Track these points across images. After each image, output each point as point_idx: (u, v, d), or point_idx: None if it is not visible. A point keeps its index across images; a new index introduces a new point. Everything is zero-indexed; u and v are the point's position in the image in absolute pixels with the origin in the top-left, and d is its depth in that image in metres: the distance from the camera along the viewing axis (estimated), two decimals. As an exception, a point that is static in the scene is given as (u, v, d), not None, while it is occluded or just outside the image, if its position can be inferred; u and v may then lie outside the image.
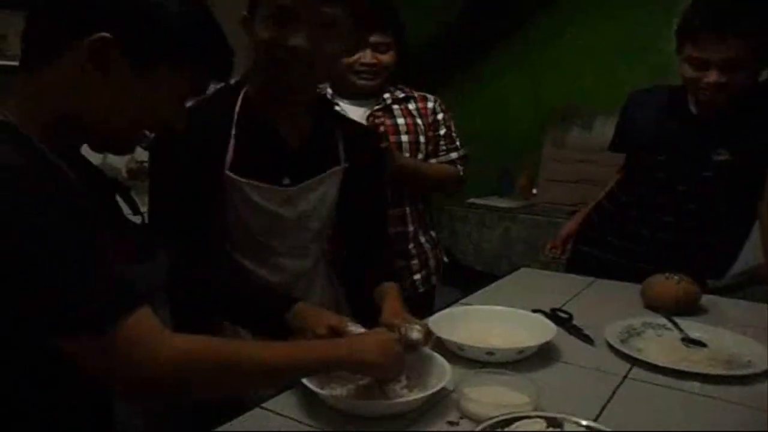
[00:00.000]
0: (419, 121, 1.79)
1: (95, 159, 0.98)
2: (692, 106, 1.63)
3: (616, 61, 3.40)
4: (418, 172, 1.76)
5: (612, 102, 2.21)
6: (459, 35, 3.83)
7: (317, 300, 1.26)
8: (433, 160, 1.82)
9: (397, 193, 1.73)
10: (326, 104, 1.32)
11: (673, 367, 1.09)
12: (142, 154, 2.35)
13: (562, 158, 3.48)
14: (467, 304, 1.39)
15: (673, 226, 1.67)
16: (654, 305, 1.43)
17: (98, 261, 0.71)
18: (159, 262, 0.93)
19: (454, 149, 1.84)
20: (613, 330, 1.24)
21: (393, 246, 1.42)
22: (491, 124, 3.69)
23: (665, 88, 1.74)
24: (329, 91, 1.73)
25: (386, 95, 1.77)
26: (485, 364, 1.09)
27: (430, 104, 1.83)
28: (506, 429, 0.82)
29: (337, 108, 1.49)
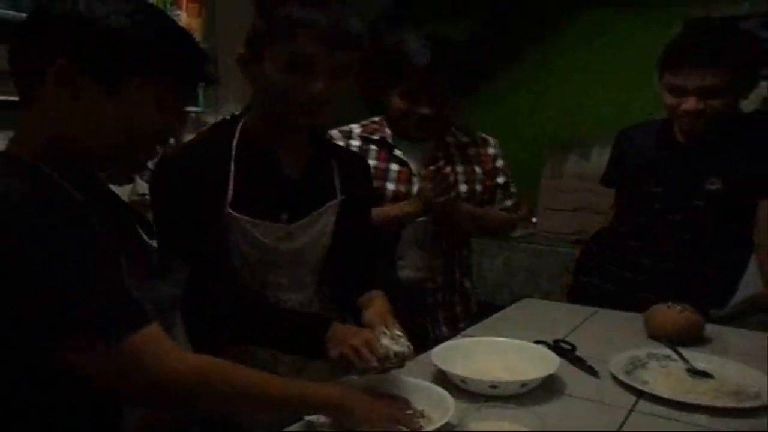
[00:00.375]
0: (477, 169, 1.71)
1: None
2: (681, 137, 1.65)
3: (613, 92, 3.44)
4: (475, 218, 1.68)
5: (608, 132, 2.23)
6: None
7: None
8: (488, 207, 1.74)
9: (447, 240, 1.69)
10: (320, 134, 1.32)
11: (680, 399, 1.07)
12: (143, 187, 2.36)
13: (561, 187, 3.50)
14: (469, 336, 1.38)
15: (672, 256, 1.67)
16: (657, 335, 1.41)
17: (106, 277, 0.74)
18: (174, 280, 0.95)
19: (509, 197, 1.78)
20: (618, 362, 1.22)
21: (379, 261, 1.41)
22: (489, 154, 3.71)
23: (654, 122, 1.77)
24: (388, 131, 1.65)
25: (449, 139, 1.69)
26: (488, 398, 1.08)
27: (491, 150, 1.75)
28: (512, 465, 0.80)
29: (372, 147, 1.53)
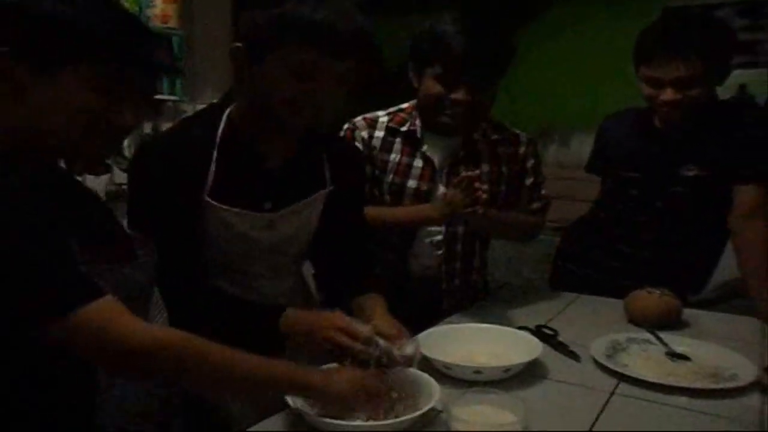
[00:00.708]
0: (504, 169, 1.60)
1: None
2: (660, 125, 1.67)
3: (592, 80, 3.46)
4: (499, 225, 1.58)
5: (588, 120, 2.25)
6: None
7: None
8: (513, 209, 1.63)
9: (469, 241, 1.63)
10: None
11: (660, 381, 1.09)
12: (121, 176, 2.33)
13: (541, 175, 3.52)
14: (453, 322, 1.39)
15: (651, 242, 1.69)
16: (637, 320, 1.43)
17: (53, 257, 0.75)
18: (143, 262, 0.94)
19: (537, 199, 1.66)
20: (599, 346, 1.24)
21: (372, 257, 1.40)
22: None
23: (634, 111, 1.78)
24: (418, 123, 1.55)
25: (476, 136, 1.58)
26: (472, 383, 1.08)
27: (521, 149, 1.63)
28: (497, 449, 0.81)
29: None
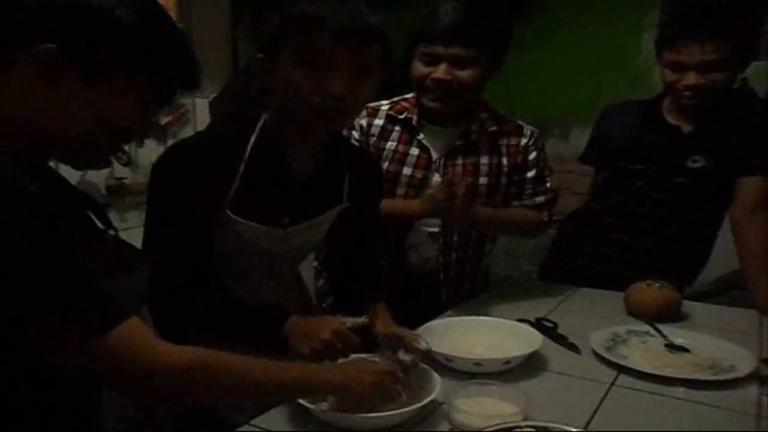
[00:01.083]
0: (504, 161, 1.54)
1: (74, 175, 0.96)
2: (668, 116, 1.67)
3: (589, 73, 3.45)
4: (494, 221, 1.55)
5: (587, 113, 2.25)
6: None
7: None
8: (515, 203, 1.58)
9: (466, 233, 1.57)
10: (339, 136, 1.27)
11: (659, 373, 1.10)
12: (121, 171, 2.33)
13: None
14: (453, 316, 1.40)
15: (650, 232, 1.69)
16: (636, 312, 1.44)
17: (81, 271, 0.71)
18: (137, 274, 0.92)
19: (541, 192, 1.58)
20: (598, 338, 1.25)
21: (380, 266, 1.39)
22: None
23: (638, 102, 1.78)
24: (417, 113, 1.50)
25: (474, 127, 1.51)
26: (473, 375, 1.09)
27: (523, 141, 1.56)
28: (498, 439, 0.82)
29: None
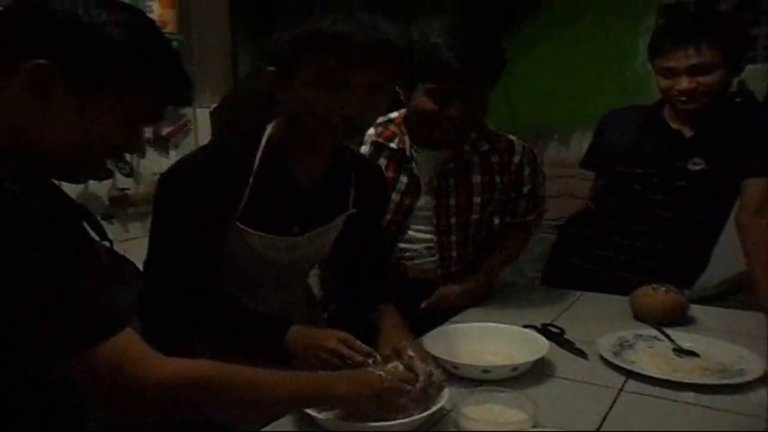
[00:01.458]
0: (497, 178, 1.54)
1: (77, 187, 0.94)
2: (669, 121, 1.67)
3: (588, 78, 3.46)
4: (495, 275, 1.62)
5: (587, 118, 2.25)
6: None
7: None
8: (507, 219, 1.63)
9: (462, 246, 1.56)
10: (344, 145, 1.27)
11: (668, 378, 1.09)
12: (123, 181, 2.33)
13: (542, 174, 3.53)
14: (459, 322, 1.39)
15: (650, 235, 1.69)
16: (643, 316, 1.43)
17: (76, 281, 0.71)
18: (130, 286, 0.91)
19: (533, 209, 1.62)
20: (606, 343, 1.24)
21: (386, 267, 1.40)
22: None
23: (639, 108, 1.79)
24: (407, 140, 1.48)
25: (466, 148, 1.50)
26: (481, 382, 1.08)
27: (516, 158, 1.56)
28: (508, 447, 0.81)
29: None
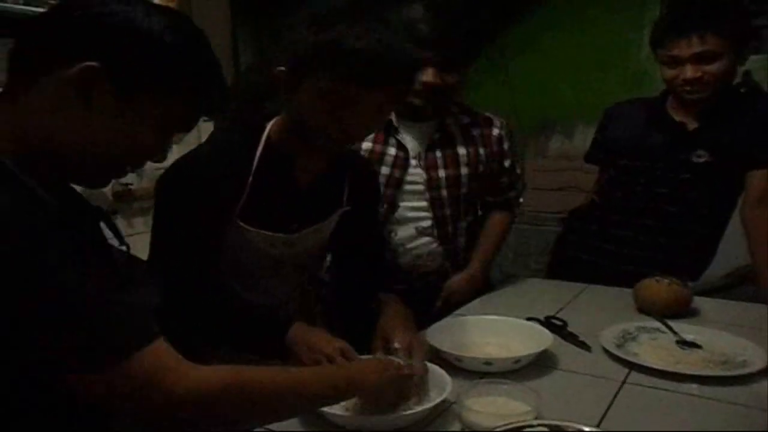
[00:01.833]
0: (481, 150, 1.58)
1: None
2: (673, 113, 1.66)
3: (592, 71, 3.45)
4: (490, 260, 1.67)
5: (591, 111, 2.24)
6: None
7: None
8: (489, 198, 1.67)
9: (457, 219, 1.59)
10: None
11: (671, 369, 1.10)
12: (128, 177, 2.33)
13: (545, 167, 3.52)
14: (462, 315, 1.39)
15: (655, 228, 1.69)
16: (646, 309, 1.44)
17: (102, 289, 0.68)
18: (149, 289, 0.89)
19: (513, 183, 1.67)
20: (609, 335, 1.24)
21: (385, 258, 1.41)
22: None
23: (642, 101, 1.78)
24: (393, 117, 1.51)
25: (449, 120, 1.55)
26: (484, 375, 1.09)
27: (495, 131, 1.60)
28: (511, 439, 0.81)
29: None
